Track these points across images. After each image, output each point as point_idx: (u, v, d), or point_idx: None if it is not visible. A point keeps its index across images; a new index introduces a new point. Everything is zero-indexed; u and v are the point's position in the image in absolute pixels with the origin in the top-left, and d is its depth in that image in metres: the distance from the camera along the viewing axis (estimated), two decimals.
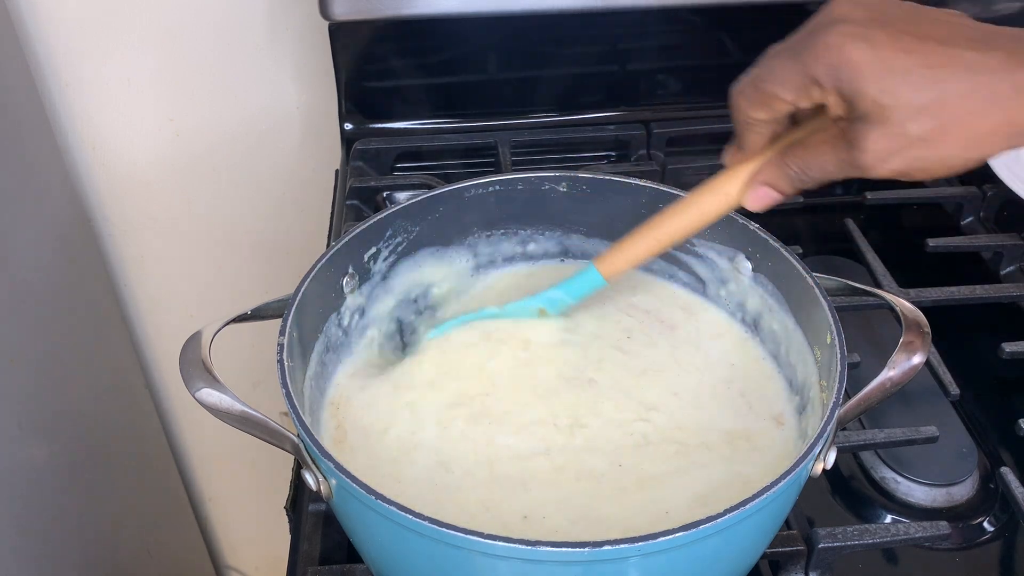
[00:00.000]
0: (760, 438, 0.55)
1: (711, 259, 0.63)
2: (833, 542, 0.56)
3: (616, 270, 0.58)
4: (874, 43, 0.43)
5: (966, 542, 0.61)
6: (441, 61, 0.93)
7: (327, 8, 0.86)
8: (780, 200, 0.51)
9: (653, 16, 0.91)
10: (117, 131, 1.05)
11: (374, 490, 0.42)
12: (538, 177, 0.64)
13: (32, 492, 0.90)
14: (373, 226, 0.60)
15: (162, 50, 1.01)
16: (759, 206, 0.52)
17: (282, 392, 0.48)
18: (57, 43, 0.98)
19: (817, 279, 0.54)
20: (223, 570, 1.53)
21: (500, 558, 0.41)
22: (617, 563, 0.41)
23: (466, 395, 0.58)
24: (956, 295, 0.74)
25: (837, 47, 0.44)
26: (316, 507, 0.61)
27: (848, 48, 0.43)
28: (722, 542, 0.43)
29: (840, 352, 0.50)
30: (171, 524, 1.33)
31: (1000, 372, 0.73)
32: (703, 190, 0.53)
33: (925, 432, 0.63)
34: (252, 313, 0.55)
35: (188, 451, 1.37)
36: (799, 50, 0.46)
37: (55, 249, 1.00)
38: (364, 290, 0.62)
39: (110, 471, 1.10)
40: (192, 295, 1.20)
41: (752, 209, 0.52)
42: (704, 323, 0.64)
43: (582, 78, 0.96)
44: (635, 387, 0.59)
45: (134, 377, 1.21)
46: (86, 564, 1.01)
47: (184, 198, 1.12)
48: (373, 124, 0.95)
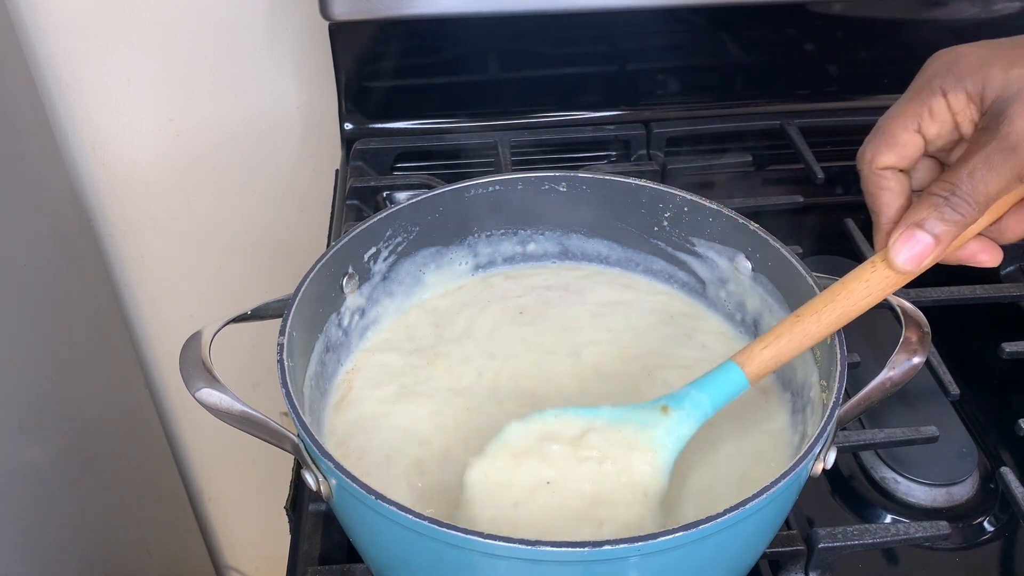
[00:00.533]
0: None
1: (711, 259, 0.63)
2: (833, 542, 0.56)
3: (763, 368, 0.49)
4: (977, 45, 0.43)
5: (966, 542, 0.61)
6: (441, 61, 0.93)
7: (327, 8, 0.86)
8: (936, 252, 0.45)
9: (653, 16, 0.91)
10: (117, 131, 1.05)
11: (374, 490, 0.42)
12: (538, 177, 0.64)
13: (32, 492, 0.90)
14: (373, 226, 0.60)
15: (162, 50, 1.01)
16: (912, 259, 0.44)
17: (282, 392, 0.48)
18: (57, 43, 0.99)
19: (817, 279, 0.54)
20: (223, 570, 1.53)
21: (500, 558, 0.41)
22: (617, 563, 0.41)
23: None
24: (956, 295, 0.74)
25: (945, 56, 0.43)
26: (316, 507, 0.61)
27: (957, 50, 0.43)
28: (722, 542, 0.43)
29: (840, 352, 0.50)
30: (171, 524, 1.33)
31: (1000, 372, 0.73)
32: (853, 273, 0.48)
33: (925, 432, 0.63)
34: (252, 313, 0.55)
35: (188, 451, 1.37)
36: (910, 89, 0.45)
37: (55, 249, 1.00)
38: (364, 290, 0.62)
39: (110, 471, 1.10)
40: (192, 295, 1.20)
41: (905, 267, 0.45)
42: (704, 323, 0.64)
43: (582, 78, 0.96)
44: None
45: (134, 377, 1.21)
46: (86, 564, 1.01)
47: (184, 198, 1.12)
48: (373, 124, 0.95)
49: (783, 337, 0.49)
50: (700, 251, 0.63)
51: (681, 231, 0.63)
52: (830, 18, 0.93)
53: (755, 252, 0.60)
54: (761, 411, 0.57)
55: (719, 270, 0.63)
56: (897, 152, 0.46)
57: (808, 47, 0.95)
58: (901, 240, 0.45)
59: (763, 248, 0.59)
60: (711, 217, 0.61)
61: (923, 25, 0.95)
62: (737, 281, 0.62)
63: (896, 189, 0.46)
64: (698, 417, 0.49)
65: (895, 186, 0.46)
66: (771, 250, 0.58)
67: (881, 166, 0.46)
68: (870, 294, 0.48)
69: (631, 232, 0.65)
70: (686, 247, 0.64)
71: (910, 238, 0.44)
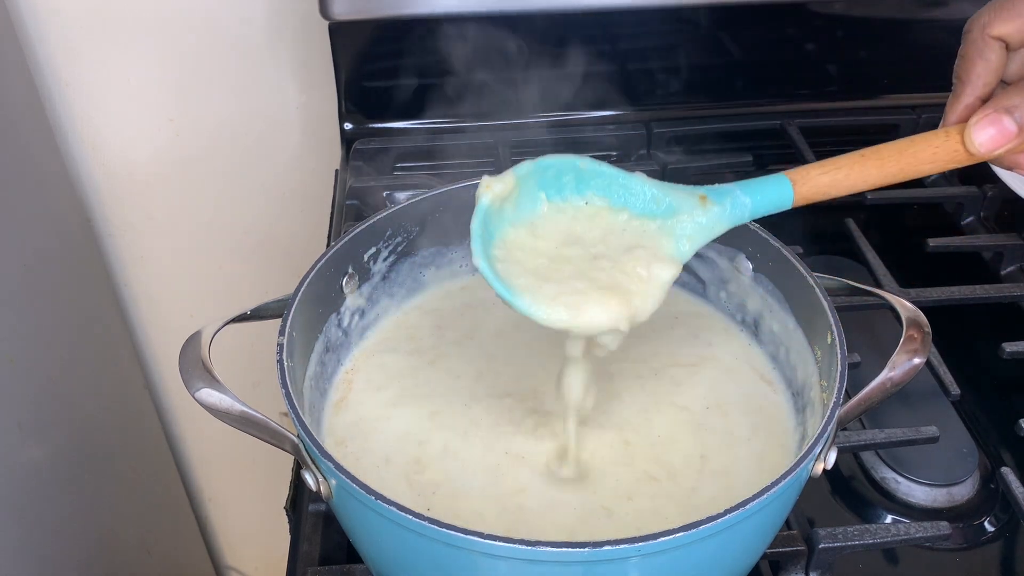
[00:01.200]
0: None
1: (711, 259, 0.63)
2: (833, 542, 0.56)
3: (814, 192, 0.48)
4: None
5: (967, 542, 0.61)
6: (441, 61, 0.93)
7: (327, 8, 0.86)
8: (1016, 142, 0.43)
9: (653, 16, 0.91)
10: (117, 131, 1.05)
11: (374, 490, 0.42)
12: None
13: (32, 492, 0.90)
14: (373, 226, 0.60)
15: (162, 50, 1.01)
16: (989, 141, 0.43)
17: (282, 392, 0.48)
18: (57, 43, 0.98)
19: (817, 279, 0.54)
20: (223, 570, 1.52)
21: (500, 558, 0.41)
22: (617, 563, 0.41)
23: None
24: (956, 295, 0.74)
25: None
26: (316, 507, 0.61)
27: None
28: (722, 542, 0.43)
29: (840, 352, 0.50)
30: (171, 524, 1.33)
31: (1000, 372, 0.73)
32: (922, 136, 0.47)
33: (925, 432, 0.63)
34: (252, 313, 0.54)
35: (188, 451, 1.37)
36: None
37: (55, 249, 1.00)
38: (364, 290, 0.62)
39: (110, 471, 1.10)
40: (192, 295, 1.20)
41: (980, 149, 0.44)
42: (709, 322, 0.64)
43: (582, 78, 0.95)
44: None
45: (134, 377, 1.21)
46: (86, 564, 1.01)
47: (184, 198, 1.12)
48: (373, 124, 0.94)
49: (843, 169, 0.47)
50: (700, 250, 0.63)
51: None
52: (830, 18, 0.93)
53: (755, 252, 0.60)
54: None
55: (720, 270, 0.63)
56: (1016, 23, 0.44)
57: (808, 47, 0.95)
58: (986, 121, 0.44)
59: (763, 248, 0.59)
60: None
61: (923, 25, 0.95)
62: (738, 281, 0.62)
63: (993, 63, 0.45)
64: (735, 219, 0.48)
65: (994, 59, 0.45)
66: (771, 250, 0.58)
67: (995, 33, 0.44)
68: (935, 161, 0.46)
69: None
70: None
71: (996, 121, 0.43)
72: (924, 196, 0.88)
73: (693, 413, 0.57)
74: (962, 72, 0.46)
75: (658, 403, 0.58)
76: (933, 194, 0.89)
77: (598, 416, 0.57)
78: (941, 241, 0.81)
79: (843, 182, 0.47)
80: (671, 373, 0.60)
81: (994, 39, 0.45)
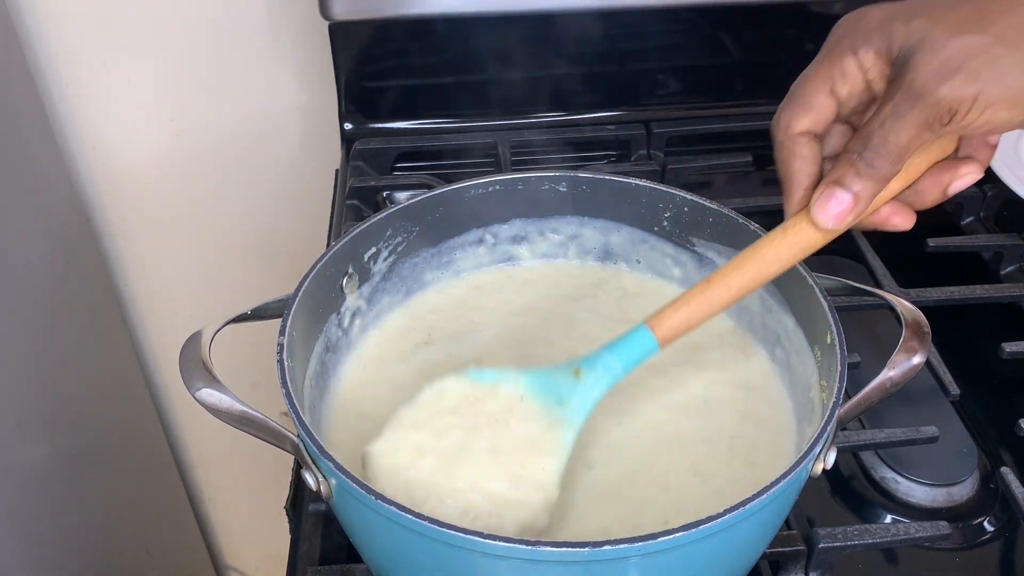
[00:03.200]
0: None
1: (710, 260, 0.63)
2: (833, 542, 0.56)
3: (673, 332, 0.50)
4: (881, 5, 0.44)
5: (966, 542, 0.61)
6: (441, 61, 0.93)
7: (327, 8, 0.86)
8: (857, 210, 0.45)
9: (653, 16, 0.91)
10: (117, 131, 1.05)
11: (374, 490, 0.42)
12: (538, 177, 0.64)
13: (32, 491, 0.90)
14: (373, 226, 0.60)
15: (162, 50, 1.01)
16: (833, 217, 0.45)
17: (282, 392, 0.48)
18: (57, 43, 0.99)
19: (817, 279, 0.54)
20: (223, 570, 1.53)
21: (500, 558, 0.41)
22: (617, 563, 0.41)
23: None
24: (956, 295, 0.74)
25: (850, 18, 0.44)
26: (316, 507, 0.61)
27: (861, 11, 0.44)
28: (722, 542, 0.43)
29: (840, 352, 0.50)
30: (171, 524, 1.33)
31: (1000, 372, 0.73)
32: (764, 238, 0.49)
33: (925, 432, 0.63)
34: (252, 313, 0.55)
35: (188, 451, 1.37)
36: (820, 53, 0.46)
37: (55, 249, 1.00)
38: (364, 290, 0.62)
39: (110, 471, 1.10)
40: (192, 295, 1.20)
41: (826, 225, 0.46)
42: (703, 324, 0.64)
43: (582, 78, 0.96)
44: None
45: (134, 377, 1.21)
46: (86, 564, 1.01)
47: (184, 198, 1.12)
48: (373, 124, 0.95)
49: (692, 302, 0.49)
50: (700, 251, 0.63)
51: (681, 231, 0.63)
52: (830, 18, 0.93)
53: None
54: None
55: None
56: (812, 115, 0.46)
57: (808, 47, 0.94)
58: (822, 199, 0.45)
59: None
60: (711, 217, 0.61)
61: None
62: None
63: (809, 156, 0.47)
64: (609, 380, 0.50)
65: (808, 153, 0.47)
66: None
67: (797, 131, 0.46)
68: (779, 259, 0.48)
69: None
70: (686, 247, 0.64)
71: (830, 197, 0.45)
72: None
73: (691, 412, 0.57)
74: (784, 174, 0.48)
75: (655, 401, 0.58)
76: None
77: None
78: (941, 241, 0.81)
79: (696, 312, 0.49)
80: (670, 372, 0.60)
81: (800, 135, 0.47)
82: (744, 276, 0.49)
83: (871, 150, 0.44)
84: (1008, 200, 0.85)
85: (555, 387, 0.50)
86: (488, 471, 0.48)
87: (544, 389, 0.50)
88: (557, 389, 0.50)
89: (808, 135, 0.47)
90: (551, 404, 0.50)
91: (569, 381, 0.50)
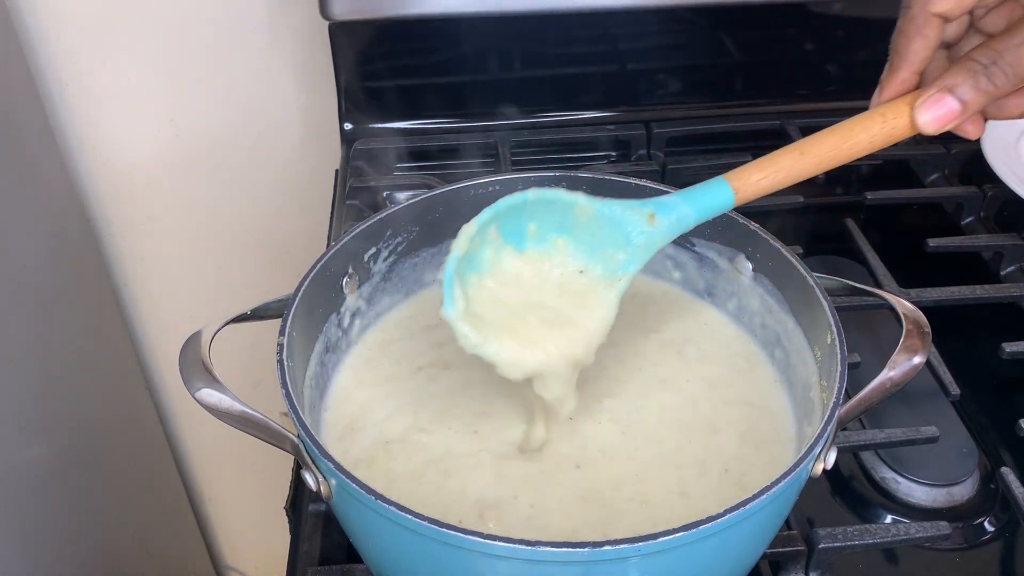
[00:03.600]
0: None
1: (711, 259, 0.63)
2: (833, 542, 0.56)
3: (751, 190, 0.49)
4: None
5: (966, 542, 0.61)
6: (441, 61, 0.93)
7: (327, 8, 0.86)
8: (960, 120, 0.44)
9: (653, 16, 0.91)
10: (117, 131, 1.05)
11: (374, 490, 0.42)
12: (538, 177, 0.64)
13: (32, 492, 0.90)
14: (373, 226, 0.60)
15: (162, 50, 1.01)
16: (935, 121, 0.44)
17: (282, 392, 0.48)
18: (57, 43, 0.99)
19: (817, 279, 0.54)
20: (223, 570, 1.53)
21: (500, 558, 0.41)
22: (617, 563, 0.41)
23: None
24: (956, 295, 0.74)
25: None
26: (316, 507, 0.61)
27: None
28: (722, 542, 0.43)
29: (840, 352, 0.50)
30: (171, 524, 1.33)
31: (1000, 372, 0.73)
32: (858, 121, 0.48)
33: (925, 432, 0.63)
34: (252, 313, 0.55)
35: (188, 451, 1.37)
36: None
37: (55, 249, 1.00)
38: (364, 290, 0.62)
39: (110, 471, 1.10)
40: (192, 295, 1.20)
41: (927, 128, 0.45)
42: (710, 316, 0.64)
43: (582, 78, 0.96)
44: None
45: (134, 377, 1.21)
46: (86, 563, 1.01)
47: (184, 198, 1.12)
48: (373, 124, 0.95)
49: (783, 171, 0.48)
50: (700, 251, 0.63)
51: None
52: (830, 18, 0.93)
53: (755, 252, 0.60)
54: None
55: (719, 271, 0.63)
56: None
57: (808, 47, 0.95)
58: (930, 101, 0.44)
59: (763, 248, 0.59)
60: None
61: None
62: (737, 281, 0.62)
63: (931, 39, 0.45)
64: (680, 228, 0.50)
65: (932, 35, 0.45)
66: (771, 250, 0.58)
67: (936, 10, 0.45)
68: (871, 145, 0.47)
69: None
70: (686, 247, 0.64)
71: (938, 101, 0.44)
72: (924, 196, 0.88)
73: (691, 412, 0.57)
74: (900, 47, 0.46)
75: (655, 401, 0.58)
76: (933, 194, 0.89)
77: (592, 410, 0.57)
78: (941, 241, 0.81)
79: (778, 177, 0.49)
80: (669, 372, 0.60)
81: (934, 16, 0.46)
82: (834, 152, 0.48)
83: (999, 67, 0.42)
84: (1008, 200, 0.85)
85: (624, 226, 0.50)
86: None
87: (607, 237, 0.50)
88: (625, 228, 0.50)
89: (941, 18, 0.45)
90: (610, 268, 0.50)
91: (642, 223, 0.50)
